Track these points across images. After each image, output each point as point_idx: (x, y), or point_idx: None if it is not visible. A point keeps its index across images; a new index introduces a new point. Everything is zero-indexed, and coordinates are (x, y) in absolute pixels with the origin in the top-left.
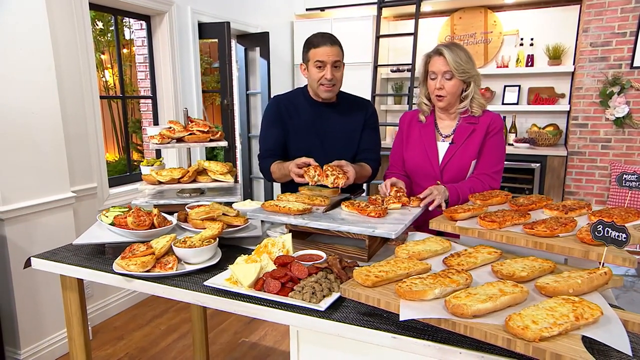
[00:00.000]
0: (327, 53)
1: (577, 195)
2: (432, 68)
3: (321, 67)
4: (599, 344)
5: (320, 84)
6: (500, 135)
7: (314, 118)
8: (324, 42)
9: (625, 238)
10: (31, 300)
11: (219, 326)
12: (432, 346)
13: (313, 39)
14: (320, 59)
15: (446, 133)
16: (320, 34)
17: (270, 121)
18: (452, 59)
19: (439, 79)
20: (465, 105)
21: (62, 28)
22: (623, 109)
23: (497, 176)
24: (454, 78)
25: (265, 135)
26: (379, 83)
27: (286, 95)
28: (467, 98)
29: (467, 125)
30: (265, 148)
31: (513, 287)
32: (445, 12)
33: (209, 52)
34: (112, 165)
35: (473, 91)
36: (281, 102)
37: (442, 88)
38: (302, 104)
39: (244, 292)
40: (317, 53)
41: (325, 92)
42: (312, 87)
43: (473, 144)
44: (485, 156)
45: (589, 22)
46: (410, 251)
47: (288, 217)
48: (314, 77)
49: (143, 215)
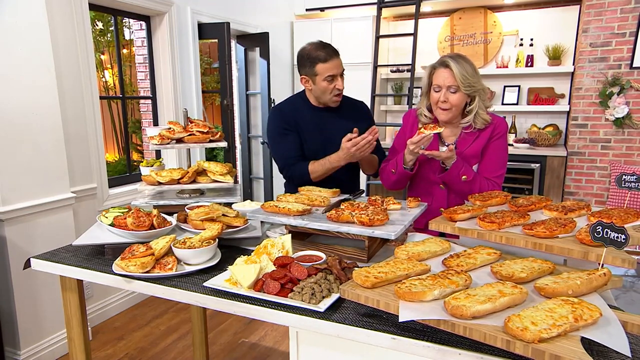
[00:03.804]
0: (336, 66)
1: (576, 195)
2: (437, 81)
3: (332, 80)
4: (598, 345)
5: (333, 95)
6: (504, 139)
7: (318, 123)
8: (330, 56)
9: (625, 239)
10: (31, 300)
11: (218, 326)
12: (431, 347)
13: (318, 53)
14: (332, 74)
15: (449, 142)
16: (321, 46)
17: (281, 131)
18: (459, 72)
19: (443, 92)
20: (469, 120)
21: (62, 28)
22: (623, 109)
23: (499, 180)
24: (458, 92)
25: (284, 145)
26: (379, 83)
27: (286, 103)
28: (470, 113)
29: (471, 133)
30: (290, 155)
31: (512, 288)
32: (445, 13)
33: (209, 52)
34: (112, 166)
35: (477, 106)
36: (284, 110)
37: (446, 101)
38: (304, 111)
39: (244, 293)
40: (327, 68)
41: (337, 101)
42: (321, 97)
43: (476, 149)
44: (488, 160)
45: (588, 23)
46: (409, 252)
47: (287, 218)
48: (323, 89)
49: (143, 216)
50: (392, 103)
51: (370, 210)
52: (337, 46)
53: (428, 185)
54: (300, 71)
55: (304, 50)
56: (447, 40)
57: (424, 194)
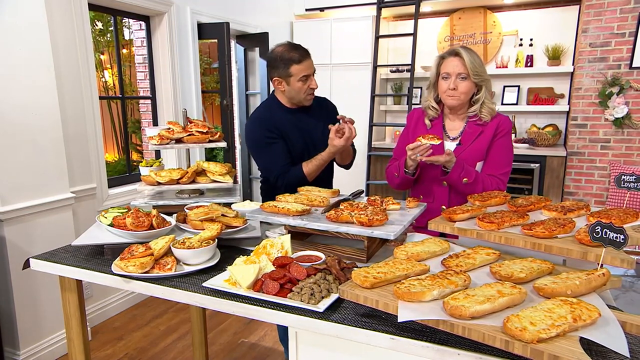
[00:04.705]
0: (309, 66)
1: (576, 195)
2: (446, 69)
3: (306, 79)
4: (597, 346)
5: (307, 94)
6: (508, 138)
7: (295, 124)
8: (303, 57)
9: (624, 239)
10: (30, 301)
11: (218, 326)
12: (430, 347)
13: (292, 55)
14: (306, 74)
15: (454, 135)
16: (292, 47)
17: (266, 140)
18: (469, 60)
19: (453, 79)
20: (475, 109)
21: (62, 28)
22: (622, 110)
23: (505, 178)
24: (467, 79)
25: (271, 155)
26: (379, 83)
27: (261, 111)
28: (477, 102)
29: (476, 127)
30: (281, 164)
31: (511, 288)
32: (445, 13)
33: (209, 52)
34: (112, 166)
35: (484, 96)
36: (263, 119)
37: (455, 88)
38: (280, 115)
39: (243, 293)
40: (301, 69)
41: (310, 99)
42: (295, 98)
43: (480, 146)
44: (493, 158)
45: (588, 23)
46: (408, 252)
47: (287, 218)
48: (298, 89)
49: (142, 216)
50: (391, 103)
51: (369, 211)
52: (337, 46)
53: (431, 183)
54: (272, 73)
55: (276, 53)
56: (447, 40)
57: (428, 192)
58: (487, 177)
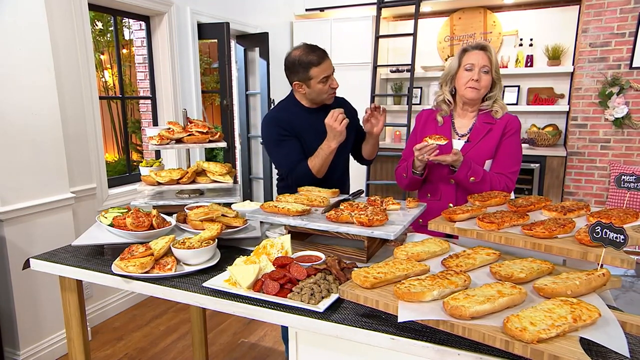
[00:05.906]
0: (329, 66)
1: (576, 195)
2: (471, 60)
3: (327, 80)
4: (597, 346)
5: (329, 94)
6: (517, 137)
7: (314, 124)
8: (322, 58)
9: (624, 239)
10: (30, 301)
11: (218, 326)
12: (430, 347)
13: (310, 58)
14: (326, 75)
15: (462, 132)
16: (310, 49)
17: (279, 137)
18: (494, 56)
19: (476, 70)
20: (489, 105)
21: (62, 28)
22: (622, 110)
23: (513, 177)
24: (489, 74)
25: (284, 151)
26: (379, 83)
27: (279, 110)
28: (491, 98)
29: (484, 124)
30: (293, 159)
31: (511, 288)
32: (445, 13)
33: (209, 52)
34: (112, 166)
35: (497, 93)
36: (279, 117)
37: (478, 80)
38: (298, 114)
39: (243, 293)
40: (321, 70)
41: (332, 98)
42: (316, 99)
43: (489, 144)
44: (502, 156)
45: (588, 23)
46: (409, 252)
47: (287, 218)
48: (319, 91)
49: (142, 216)
50: (391, 103)
51: (369, 211)
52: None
53: (438, 181)
54: (292, 78)
55: (294, 57)
56: (447, 41)
57: (435, 191)
58: (495, 175)
